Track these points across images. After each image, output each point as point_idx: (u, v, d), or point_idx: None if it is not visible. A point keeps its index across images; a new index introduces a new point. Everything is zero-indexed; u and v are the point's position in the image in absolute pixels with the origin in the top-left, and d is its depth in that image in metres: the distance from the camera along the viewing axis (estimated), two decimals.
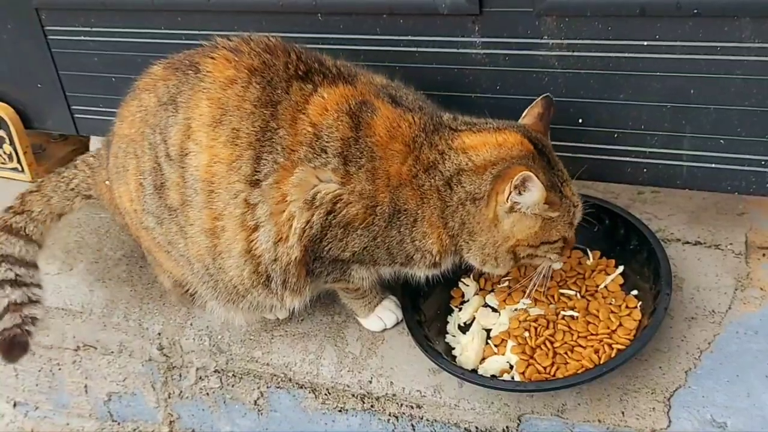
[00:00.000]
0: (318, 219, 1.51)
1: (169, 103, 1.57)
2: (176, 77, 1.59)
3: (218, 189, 1.52)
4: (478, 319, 1.70)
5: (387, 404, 1.68)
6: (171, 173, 1.56)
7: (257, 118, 1.50)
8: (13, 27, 2.29)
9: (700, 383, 1.51)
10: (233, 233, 1.54)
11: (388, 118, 1.52)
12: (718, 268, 1.73)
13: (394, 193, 1.51)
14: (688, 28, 1.55)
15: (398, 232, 1.53)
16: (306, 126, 1.50)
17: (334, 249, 1.56)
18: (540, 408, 1.55)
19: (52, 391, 2.15)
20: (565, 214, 1.51)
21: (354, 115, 1.51)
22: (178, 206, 1.57)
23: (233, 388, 1.86)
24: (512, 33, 1.71)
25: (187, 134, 1.54)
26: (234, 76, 1.53)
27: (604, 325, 1.58)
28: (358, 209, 1.51)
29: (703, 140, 1.66)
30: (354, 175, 1.49)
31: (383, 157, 1.50)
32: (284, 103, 1.51)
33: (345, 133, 1.50)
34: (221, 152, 1.51)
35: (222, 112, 1.51)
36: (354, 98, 1.53)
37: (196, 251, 1.60)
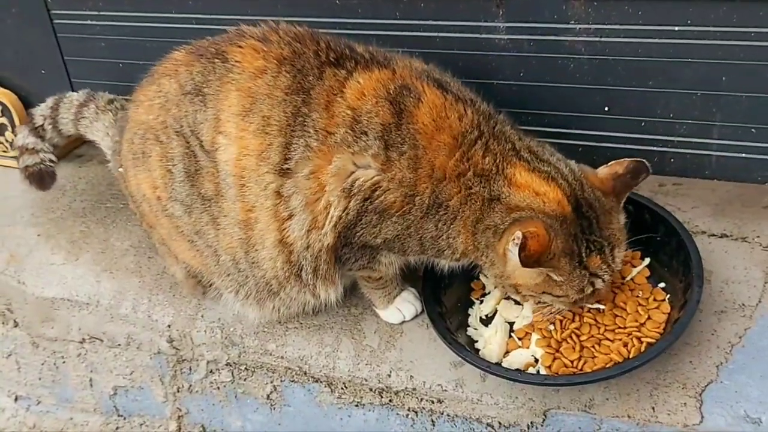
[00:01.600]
0: (355, 205, 1.48)
1: (194, 94, 1.54)
2: (201, 65, 1.55)
3: (248, 182, 1.50)
4: (501, 311, 1.65)
5: (406, 399, 1.64)
6: (206, 162, 1.53)
7: (288, 105, 1.47)
8: (18, 11, 2.24)
9: (733, 378, 1.47)
10: (266, 224, 1.52)
11: (435, 105, 1.45)
12: (746, 261, 1.69)
13: (438, 186, 1.45)
14: (722, 12, 1.52)
15: (435, 227, 1.48)
16: (344, 109, 1.45)
17: (366, 235, 1.52)
18: (567, 403, 1.50)
19: (56, 385, 2.10)
20: (575, 281, 1.43)
21: (395, 101, 1.45)
22: (212, 196, 1.55)
23: (245, 381, 1.81)
24: (538, 17, 1.67)
25: (217, 128, 1.51)
26: (263, 67, 1.50)
27: (633, 318, 1.54)
28: (396, 196, 1.46)
29: (733, 129, 1.62)
30: (395, 161, 1.44)
31: (427, 147, 1.44)
32: (317, 89, 1.47)
33: (385, 119, 1.44)
34: (251, 143, 1.48)
35: (252, 101, 1.48)
36: (393, 83, 1.47)
37: (227, 243, 1.57)
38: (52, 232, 2.13)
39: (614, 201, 1.47)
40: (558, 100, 1.75)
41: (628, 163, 1.49)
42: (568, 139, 1.78)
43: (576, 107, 1.73)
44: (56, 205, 2.24)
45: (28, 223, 2.19)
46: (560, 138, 1.78)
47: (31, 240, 2.13)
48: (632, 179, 1.49)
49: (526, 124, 1.78)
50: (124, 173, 1.71)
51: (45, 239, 2.12)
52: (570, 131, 1.78)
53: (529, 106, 1.78)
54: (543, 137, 1.75)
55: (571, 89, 1.72)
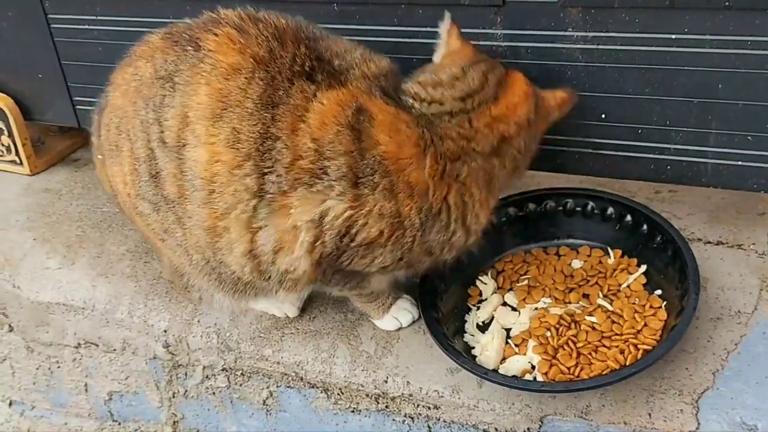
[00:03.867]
0: (331, 240, 1.42)
1: (166, 80, 1.45)
2: (174, 52, 1.47)
3: (221, 190, 1.41)
4: (498, 318, 1.65)
5: (403, 405, 1.64)
6: (166, 163, 1.45)
7: (258, 122, 1.38)
8: (15, 14, 2.23)
9: (729, 385, 1.48)
10: (238, 235, 1.45)
11: (385, 122, 1.40)
12: (742, 268, 1.69)
13: (424, 199, 1.41)
14: (719, 21, 1.52)
15: (445, 232, 1.46)
16: (307, 141, 1.37)
17: (358, 265, 1.48)
18: (563, 409, 1.50)
19: (50, 390, 2.09)
20: None
21: (353, 128, 1.38)
22: (175, 198, 1.47)
23: (241, 387, 1.81)
24: (535, 25, 1.67)
25: (185, 123, 1.42)
26: (238, 65, 1.41)
27: (629, 325, 1.54)
28: (381, 228, 1.41)
29: (729, 137, 1.62)
30: (369, 194, 1.38)
31: (397, 169, 1.39)
32: (283, 108, 1.39)
33: (348, 147, 1.37)
34: (222, 153, 1.39)
35: (223, 106, 1.39)
36: (349, 107, 1.40)
37: (194, 242, 1.51)
38: (47, 236, 2.13)
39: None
40: None
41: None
42: (565, 146, 1.78)
43: (573, 114, 1.72)
44: (52, 209, 2.23)
45: (23, 227, 2.19)
46: (557, 145, 1.78)
47: (26, 244, 2.12)
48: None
49: None
50: (102, 161, 1.64)
51: (40, 243, 2.11)
52: (566, 138, 1.77)
53: None
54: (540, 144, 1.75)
55: None
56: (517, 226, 1.78)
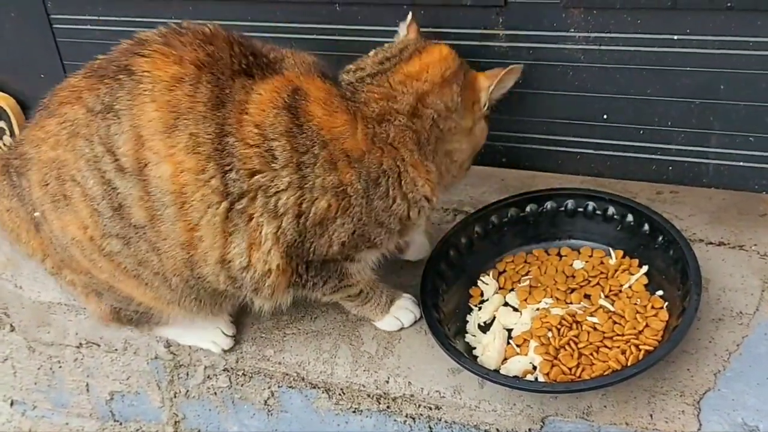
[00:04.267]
0: (288, 224, 1.45)
1: (105, 112, 1.43)
2: (105, 85, 1.44)
3: (191, 200, 1.41)
4: (499, 318, 1.65)
5: (404, 405, 1.64)
6: (129, 189, 1.43)
7: (211, 123, 1.40)
8: (18, 15, 2.24)
9: (730, 386, 1.47)
10: (211, 242, 1.45)
11: (320, 98, 1.46)
12: (744, 269, 1.69)
13: (361, 164, 1.46)
14: (720, 21, 1.53)
15: (385, 198, 1.49)
16: (251, 128, 1.42)
17: (319, 247, 1.50)
18: (564, 410, 1.50)
19: (52, 390, 2.09)
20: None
21: (291, 107, 1.44)
22: (146, 222, 1.45)
23: (243, 387, 1.81)
24: (537, 25, 1.67)
25: (140, 143, 1.41)
26: (179, 74, 1.41)
27: (631, 325, 1.54)
28: (328, 201, 1.45)
29: (731, 138, 1.63)
30: (311, 169, 1.43)
31: (332, 138, 1.45)
32: (230, 105, 1.42)
33: (288, 126, 1.42)
34: (185, 161, 1.40)
35: (175, 116, 1.39)
36: (285, 89, 1.45)
37: (171, 266, 1.49)
38: None
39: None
40: (557, 108, 1.76)
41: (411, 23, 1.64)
42: (567, 147, 1.79)
43: (575, 115, 1.73)
44: None
45: None
46: (558, 145, 1.79)
47: None
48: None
49: (524, 132, 1.79)
50: (41, 218, 1.55)
51: None
52: (568, 139, 1.78)
53: (528, 113, 1.78)
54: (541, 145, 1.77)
55: (570, 97, 1.73)
56: (518, 226, 1.78)
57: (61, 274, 1.65)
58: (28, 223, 1.60)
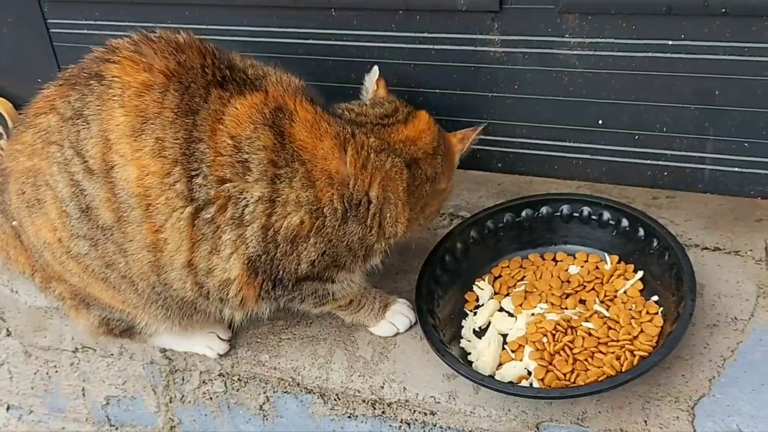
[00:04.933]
0: (253, 235, 1.45)
1: (75, 117, 1.45)
2: (76, 91, 1.46)
3: (155, 202, 1.42)
4: (494, 323, 1.65)
5: (399, 410, 1.63)
6: (97, 190, 1.44)
7: (179, 129, 1.41)
8: (15, 19, 2.24)
9: (725, 392, 1.47)
10: (176, 245, 1.45)
11: (307, 120, 1.46)
12: (739, 274, 1.69)
13: (344, 188, 1.46)
14: (716, 27, 1.53)
15: (362, 224, 1.50)
16: (225, 138, 1.42)
17: (287, 264, 1.50)
18: (559, 416, 1.50)
19: (48, 395, 2.09)
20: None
21: (273, 124, 1.44)
22: (113, 224, 1.45)
23: (238, 392, 1.81)
24: (533, 31, 1.67)
25: (108, 146, 1.42)
26: (148, 81, 1.42)
27: (626, 331, 1.54)
28: (301, 217, 1.45)
29: (727, 143, 1.63)
30: (286, 183, 1.43)
31: (313, 159, 1.44)
32: (203, 113, 1.42)
33: (267, 142, 1.43)
34: (150, 164, 1.41)
35: (142, 120, 1.41)
36: (267, 106, 1.45)
37: (138, 269, 1.49)
38: None
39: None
40: (552, 113, 1.76)
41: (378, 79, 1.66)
42: (562, 152, 1.79)
43: (570, 120, 1.73)
44: None
45: None
46: (554, 151, 1.79)
47: None
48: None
49: (519, 137, 1.79)
50: (18, 227, 1.58)
51: None
52: (564, 144, 1.78)
53: (523, 118, 1.78)
54: (537, 150, 1.77)
55: (566, 102, 1.73)
56: (514, 231, 1.78)
57: (50, 288, 1.66)
58: (13, 239, 1.62)
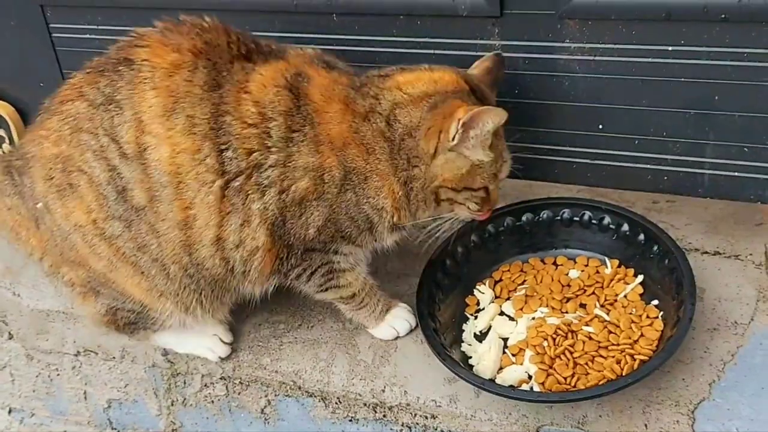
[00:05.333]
0: (271, 199, 1.50)
1: (107, 103, 1.49)
2: (105, 77, 1.50)
3: (186, 179, 1.48)
4: (495, 327, 1.66)
5: (400, 414, 1.64)
6: (132, 173, 1.49)
7: (207, 104, 1.47)
8: (17, 23, 2.24)
9: (725, 396, 1.48)
10: (205, 220, 1.50)
11: (322, 84, 1.52)
12: (739, 278, 1.69)
13: (341, 154, 1.50)
14: (715, 33, 1.53)
15: (354, 194, 1.52)
16: (250, 106, 1.48)
17: (297, 228, 1.54)
18: (560, 419, 1.50)
19: (50, 398, 2.10)
20: (494, 163, 1.53)
21: (292, 87, 1.50)
22: (146, 203, 1.50)
23: (240, 395, 1.81)
24: (533, 36, 1.68)
25: (141, 129, 1.47)
26: (178, 60, 1.48)
27: (626, 335, 1.54)
28: (307, 183, 1.50)
29: (726, 148, 1.63)
30: (297, 147, 1.49)
31: (322, 122, 1.50)
32: (228, 86, 1.49)
33: (287, 105, 1.49)
34: (181, 142, 1.47)
35: (173, 99, 1.46)
36: (288, 71, 1.52)
37: (170, 250, 1.53)
38: None
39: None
40: (552, 118, 1.76)
41: (492, 56, 1.62)
42: (562, 157, 1.79)
43: (570, 125, 1.74)
44: None
45: None
46: (554, 155, 1.80)
47: None
48: (498, 72, 1.61)
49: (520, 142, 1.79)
50: (43, 210, 1.60)
51: None
52: (564, 149, 1.79)
53: (524, 123, 1.78)
54: (537, 155, 1.77)
55: (566, 107, 1.74)
56: (514, 235, 1.79)
57: (59, 273, 1.68)
58: (28, 220, 1.66)
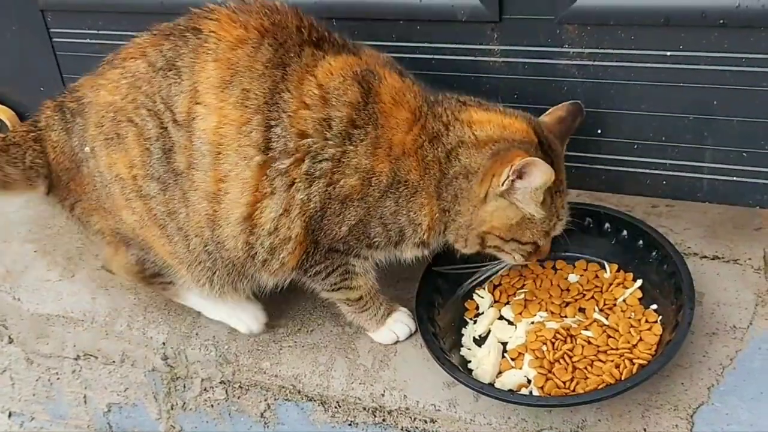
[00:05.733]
0: (317, 191, 1.49)
1: (167, 68, 1.52)
2: (170, 42, 1.54)
3: (226, 150, 1.49)
4: (494, 331, 1.66)
5: (399, 418, 1.64)
6: (179, 137, 1.51)
7: (267, 79, 1.47)
8: (18, 28, 2.25)
9: (724, 400, 1.48)
10: (236, 196, 1.51)
11: (394, 87, 1.51)
12: (738, 283, 1.70)
13: (396, 163, 1.49)
14: (714, 38, 1.54)
15: (395, 203, 1.52)
16: (313, 87, 1.48)
17: (332, 225, 1.53)
18: (559, 424, 1.51)
19: (50, 402, 2.10)
20: (547, 220, 1.50)
21: (363, 80, 1.50)
22: (184, 169, 1.52)
23: (239, 399, 1.81)
24: (532, 41, 1.69)
25: (194, 99, 1.50)
26: (243, 36, 1.50)
27: (625, 339, 1.55)
28: (355, 181, 1.49)
29: (725, 153, 1.64)
30: (355, 145, 1.48)
31: (386, 125, 1.49)
32: (294, 66, 1.49)
33: (354, 97, 1.48)
34: (230, 113, 1.47)
35: (232, 72, 1.48)
36: (359, 66, 1.52)
37: (196, 221, 1.55)
38: (48, 249, 2.14)
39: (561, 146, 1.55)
40: None
41: (567, 105, 1.57)
42: None
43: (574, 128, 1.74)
44: (53, 222, 2.24)
45: (25, 239, 2.20)
46: None
47: (27, 256, 2.13)
48: (572, 122, 1.57)
49: None
50: (88, 156, 1.64)
51: (41, 255, 2.12)
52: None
53: None
54: None
55: None
56: None
57: (90, 221, 1.70)
58: (69, 160, 1.67)
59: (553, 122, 1.57)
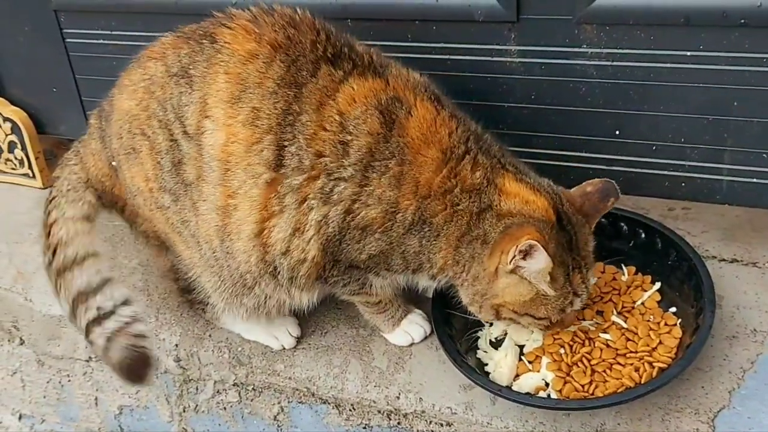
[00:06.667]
0: (335, 217, 1.46)
1: (180, 76, 1.51)
2: (188, 46, 1.53)
3: (235, 168, 1.47)
4: (511, 334, 1.64)
5: (415, 421, 1.62)
6: (189, 148, 1.51)
7: (279, 99, 1.45)
8: (31, 29, 2.25)
9: (745, 404, 1.46)
10: (246, 213, 1.49)
11: (426, 119, 1.45)
12: (758, 286, 1.68)
13: (422, 202, 1.45)
14: (734, 38, 1.52)
15: (419, 242, 1.48)
16: (333, 114, 1.44)
17: (351, 251, 1.51)
18: (577, 427, 1.49)
19: (61, 404, 2.09)
20: (560, 299, 1.45)
21: (385, 111, 1.44)
22: (193, 180, 1.52)
23: (252, 402, 1.80)
24: (550, 41, 1.67)
25: (204, 111, 1.48)
26: (255, 50, 1.47)
27: (644, 342, 1.53)
28: (377, 212, 1.46)
29: (744, 154, 1.62)
30: (377, 176, 1.44)
31: (413, 162, 1.43)
32: (310, 86, 1.45)
33: (374, 128, 1.43)
34: (240, 132, 1.46)
35: (241, 88, 1.46)
36: (385, 93, 1.45)
37: (205, 230, 1.55)
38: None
39: (585, 221, 1.48)
40: (569, 124, 1.75)
41: (598, 182, 1.51)
42: (579, 163, 1.78)
43: (587, 131, 1.73)
44: None
45: (36, 240, 2.17)
46: (571, 161, 1.78)
47: (39, 257, 2.09)
48: (601, 201, 1.49)
49: (536, 147, 1.79)
50: (117, 167, 1.66)
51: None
52: (581, 155, 1.77)
53: (540, 129, 1.78)
54: (554, 160, 1.75)
55: (583, 113, 1.73)
56: None
57: (137, 222, 1.72)
58: (108, 167, 1.70)
59: (579, 196, 1.50)
